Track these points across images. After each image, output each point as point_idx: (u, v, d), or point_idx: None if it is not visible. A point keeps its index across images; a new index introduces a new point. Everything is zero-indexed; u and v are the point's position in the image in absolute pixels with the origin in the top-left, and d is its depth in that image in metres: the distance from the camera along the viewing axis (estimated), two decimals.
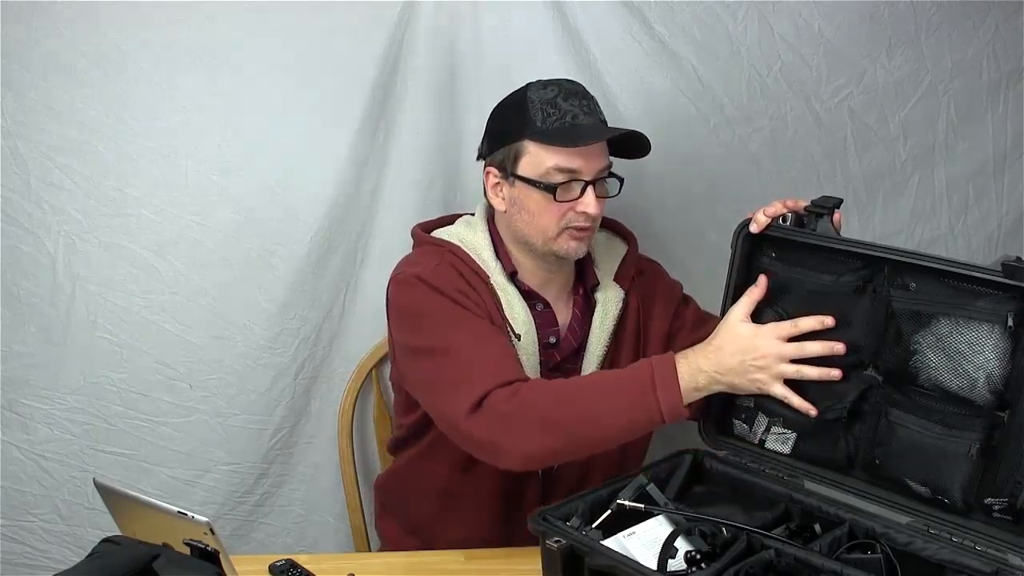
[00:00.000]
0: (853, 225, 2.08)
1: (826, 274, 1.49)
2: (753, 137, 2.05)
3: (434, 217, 1.89)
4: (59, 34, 1.86)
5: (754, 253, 1.57)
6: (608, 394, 1.51)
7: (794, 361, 1.47)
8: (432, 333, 1.62)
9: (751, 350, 1.48)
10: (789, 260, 1.53)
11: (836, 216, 1.51)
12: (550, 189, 1.61)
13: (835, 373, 1.46)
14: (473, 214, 1.78)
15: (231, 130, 1.93)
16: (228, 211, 1.95)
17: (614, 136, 1.63)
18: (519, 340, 1.66)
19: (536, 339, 1.69)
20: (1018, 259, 1.27)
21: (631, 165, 1.97)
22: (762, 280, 1.53)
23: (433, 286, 1.63)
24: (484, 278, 1.68)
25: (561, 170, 1.60)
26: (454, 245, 1.71)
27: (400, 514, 1.87)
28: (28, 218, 1.91)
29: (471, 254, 1.70)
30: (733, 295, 1.58)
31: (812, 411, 1.48)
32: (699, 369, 1.49)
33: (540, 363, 1.70)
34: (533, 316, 1.70)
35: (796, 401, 1.48)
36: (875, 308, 1.44)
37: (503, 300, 1.67)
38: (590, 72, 1.97)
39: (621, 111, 1.98)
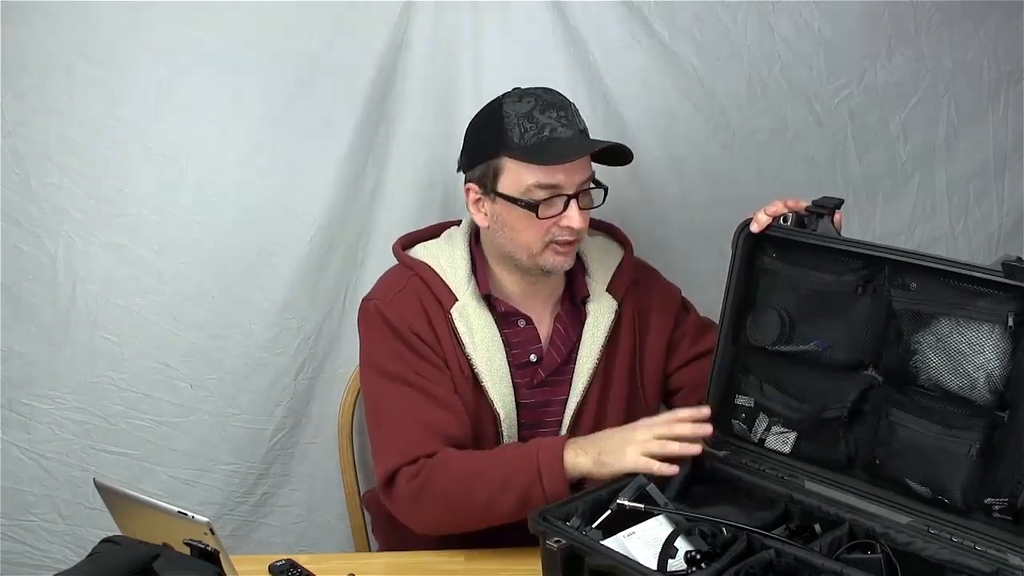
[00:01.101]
0: (853, 225, 2.08)
1: (827, 274, 1.49)
2: (753, 137, 2.05)
3: (434, 218, 1.90)
4: (59, 34, 1.86)
5: (755, 253, 1.57)
6: (501, 480, 1.56)
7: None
8: (374, 387, 1.68)
9: (629, 428, 1.56)
10: (790, 260, 1.53)
11: (837, 216, 1.50)
12: (532, 207, 1.58)
13: (694, 449, 1.52)
14: (460, 223, 1.78)
15: (231, 130, 1.93)
16: (228, 211, 1.95)
17: (596, 150, 1.61)
18: (479, 373, 1.66)
19: (507, 363, 1.68)
20: (1018, 259, 1.27)
21: (631, 165, 1.98)
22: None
23: (389, 322, 1.66)
24: (447, 306, 1.67)
25: (542, 187, 1.58)
26: (425, 267, 1.69)
27: (395, 532, 1.86)
28: (28, 218, 1.91)
29: (444, 275, 1.69)
30: (733, 295, 1.57)
31: (674, 470, 1.50)
32: (583, 451, 1.55)
33: (516, 384, 1.69)
34: (510, 336, 1.69)
35: (655, 466, 1.49)
36: (875, 308, 1.44)
37: (463, 330, 1.66)
38: (590, 72, 1.97)
39: (621, 112, 1.98)
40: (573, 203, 1.59)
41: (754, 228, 1.53)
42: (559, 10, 1.95)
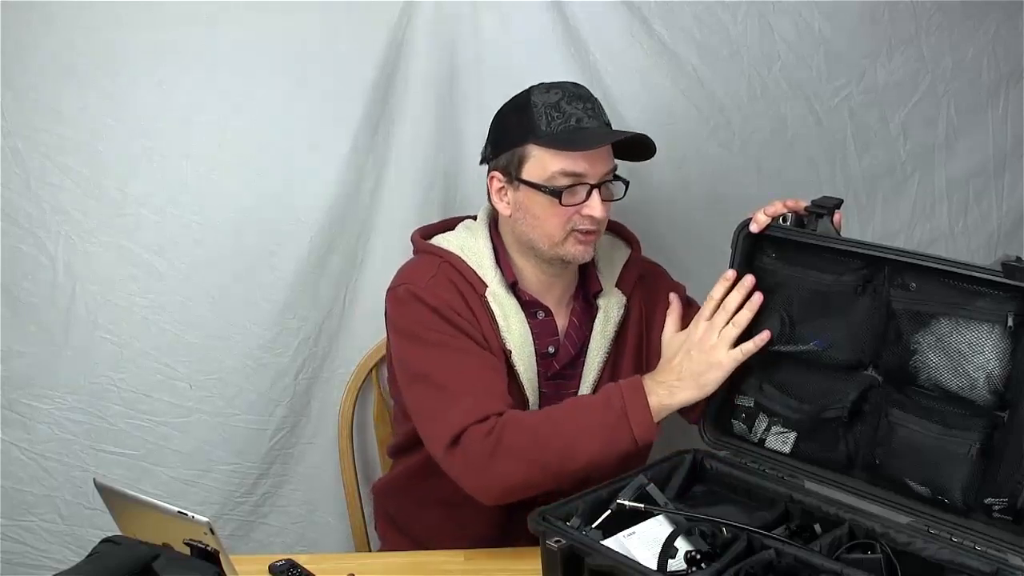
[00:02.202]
0: (853, 225, 2.08)
1: (826, 274, 1.49)
2: (753, 137, 2.05)
3: (434, 218, 1.89)
4: (59, 34, 1.86)
5: (754, 253, 1.57)
6: (582, 427, 1.54)
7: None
8: (421, 357, 1.64)
9: (691, 342, 1.59)
10: (789, 260, 1.53)
11: (836, 216, 1.51)
12: (556, 193, 1.59)
13: (757, 300, 1.55)
14: (475, 217, 1.77)
15: (231, 130, 1.93)
16: (228, 211, 1.95)
17: (620, 139, 1.62)
18: (512, 355, 1.66)
19: (534, 351, 1.68)
20: (1018, 259, 1.28)
21: (631, 165, 1.97)
22: (674, 299, 1.69)
23: (427, 303, 1.64)
24: (479, 291, 1.67)
25: (566, 174, 1.59)
26: (452, 255, 1.69)
27: (400, 523, 1.87)
28: (28, 218, 1.91)
29: (470, 263, 1.69)
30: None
31: (766, 336, 1.55)
32: (660, 383, 1.57)
33: (538, 373, 1.69)
34: (532, 326, 1.69)
35: (749, 346, 1.55)
36: (875, 308, 1.44)
37: (498, 313, 1.66)
38: (590, 72, 1.97)
39: (621, 111, 1.98)
40: (596, 192, 1.60)
41: (753, 228, 1.53)
42: (559, 10, 1.95)
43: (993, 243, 2.14)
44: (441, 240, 1.74)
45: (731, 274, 1.58)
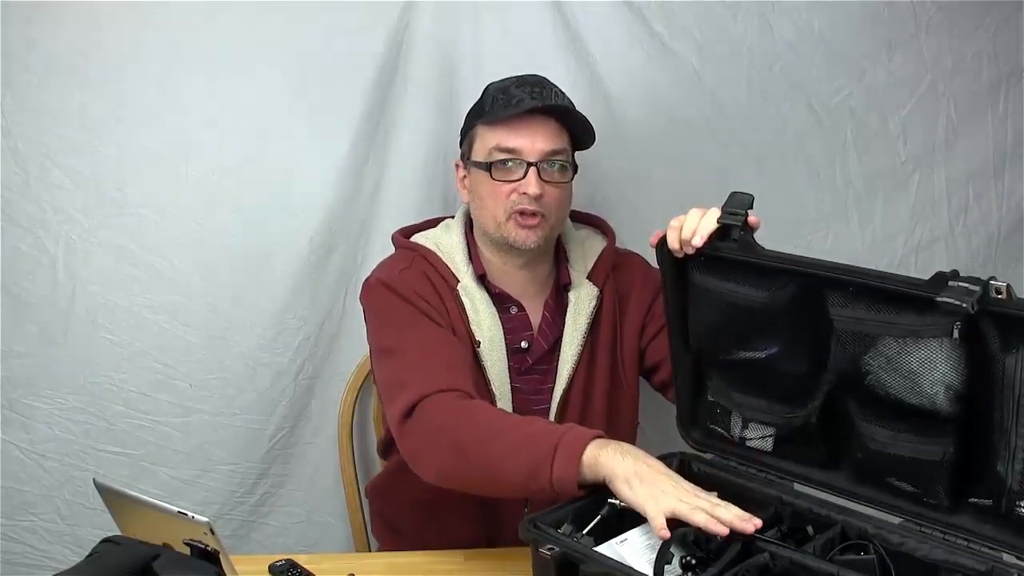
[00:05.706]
0: (853, 225, 2.08)
1: (760, 290, 1.40)
2: (753, 137, 2.04)
3: (433, 217, 1.89)
4: (59, 34, 1.86)
5: (681, 269, 1.49)
6: (513, 449, 1.43)
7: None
8: (384, 334, 1.66)
9: (678, 479, 1.39)
10: (721, 275, 1.43)
11: (751, 219, 1.42)
12: (488, 168, 1.63)
13: (722, 530, 1.29)
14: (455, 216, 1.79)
15: (231, 130, 1.93)
16: (228, 211, 1.96)
17: (536, 108, 1.61)
18: (480, 347, 1.66)
19: (504, 345, 1.69)
20: (954, 271, 1.20)
21: (631, 165, 1.98)
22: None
23: (393, 289, 1.66)
24: (451, 284, 1.69)
25: (501, 149, 1.63)
26: (427, 249, 1.72)
27: (392, 524, 1.87)
28: (28, 218, 1.92)
29: (444, 257, 1.71)
30: (672, 307, 1.53)
31: (665, 534, 1.31)
32: (620, 453, 1.38)
33: (510, 368, 1.69)
34: (504, 321, 1.70)
35: (662, 531, 1.30)
36: (818, 322, 1.35)
37: (468, 306, 1.68)
38: (590, 72, 1.97)
39: (621, 111, 1.98)
40: (532, 170, 1.62)
41: (697, 242, 1.43)
42: (559, 10, 1.95)
43: (993, 243, 2.13)
44: (419, 237, 1.77)
45: (757, 523, 1.33)
